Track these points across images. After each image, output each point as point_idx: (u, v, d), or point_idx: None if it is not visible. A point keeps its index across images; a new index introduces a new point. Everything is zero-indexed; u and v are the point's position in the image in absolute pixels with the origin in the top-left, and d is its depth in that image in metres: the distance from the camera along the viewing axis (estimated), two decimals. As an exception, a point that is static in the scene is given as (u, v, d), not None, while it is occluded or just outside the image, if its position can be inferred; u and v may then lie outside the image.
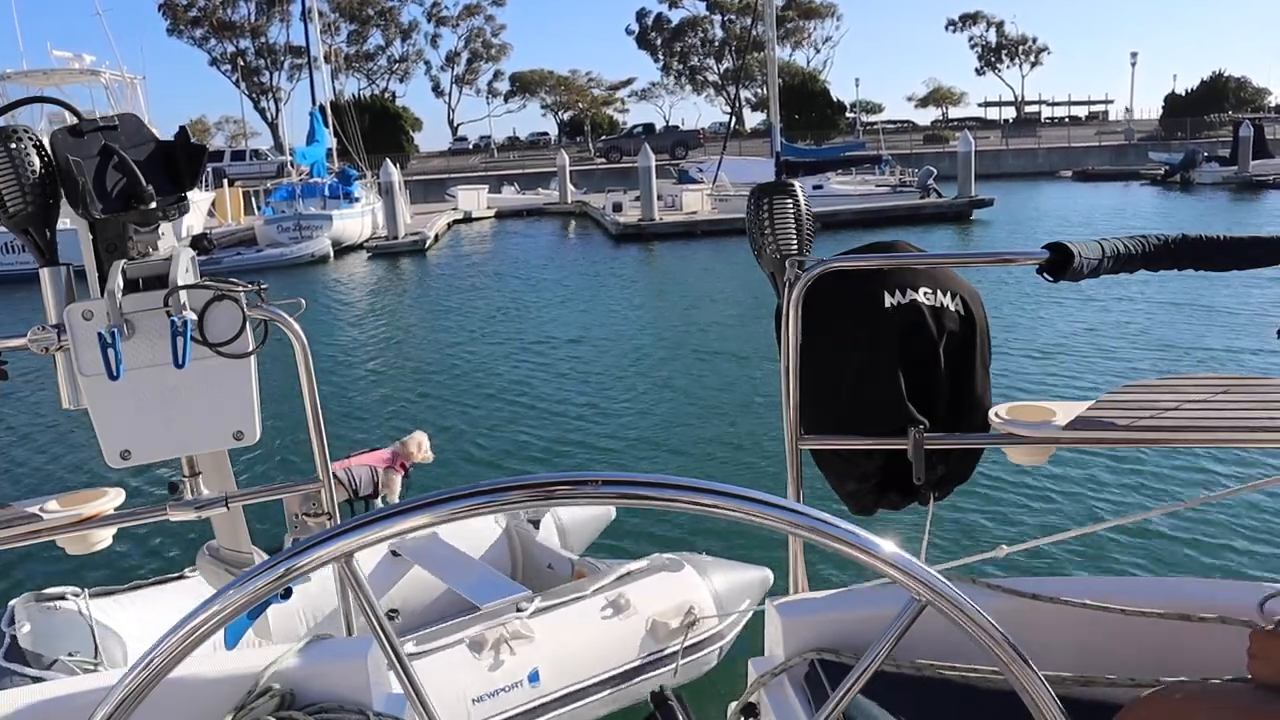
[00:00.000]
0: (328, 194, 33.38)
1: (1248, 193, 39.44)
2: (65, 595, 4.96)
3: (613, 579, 5.30)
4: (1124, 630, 2.10)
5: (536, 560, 6.24)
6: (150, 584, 5.42)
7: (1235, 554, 7.01)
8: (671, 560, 5.56)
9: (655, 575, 5.39)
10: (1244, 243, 2.38)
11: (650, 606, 5.20)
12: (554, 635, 4.93)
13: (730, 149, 41.84)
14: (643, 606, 5.18)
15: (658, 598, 5.26)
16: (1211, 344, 13.78)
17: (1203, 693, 1.72)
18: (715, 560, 5.76)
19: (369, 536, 1.11)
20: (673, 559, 5.58)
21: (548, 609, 5.04)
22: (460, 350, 16.00)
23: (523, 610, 4.96)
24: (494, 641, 4.73)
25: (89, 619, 4.76)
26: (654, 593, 5.28)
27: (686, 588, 5.35)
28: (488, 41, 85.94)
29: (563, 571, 5.95)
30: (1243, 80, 76.54)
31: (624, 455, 10.14)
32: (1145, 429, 2.35)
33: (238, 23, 74.65)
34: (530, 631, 4.86)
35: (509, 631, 4.78)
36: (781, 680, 2.21)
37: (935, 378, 2.48)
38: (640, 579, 5.34)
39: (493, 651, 4.71)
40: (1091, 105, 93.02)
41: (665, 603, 5.24)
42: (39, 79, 31.56)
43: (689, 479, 1.14)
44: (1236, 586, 2.24)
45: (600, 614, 5.11)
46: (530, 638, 4.84)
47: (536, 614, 4.97)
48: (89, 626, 4.73)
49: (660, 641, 5.16)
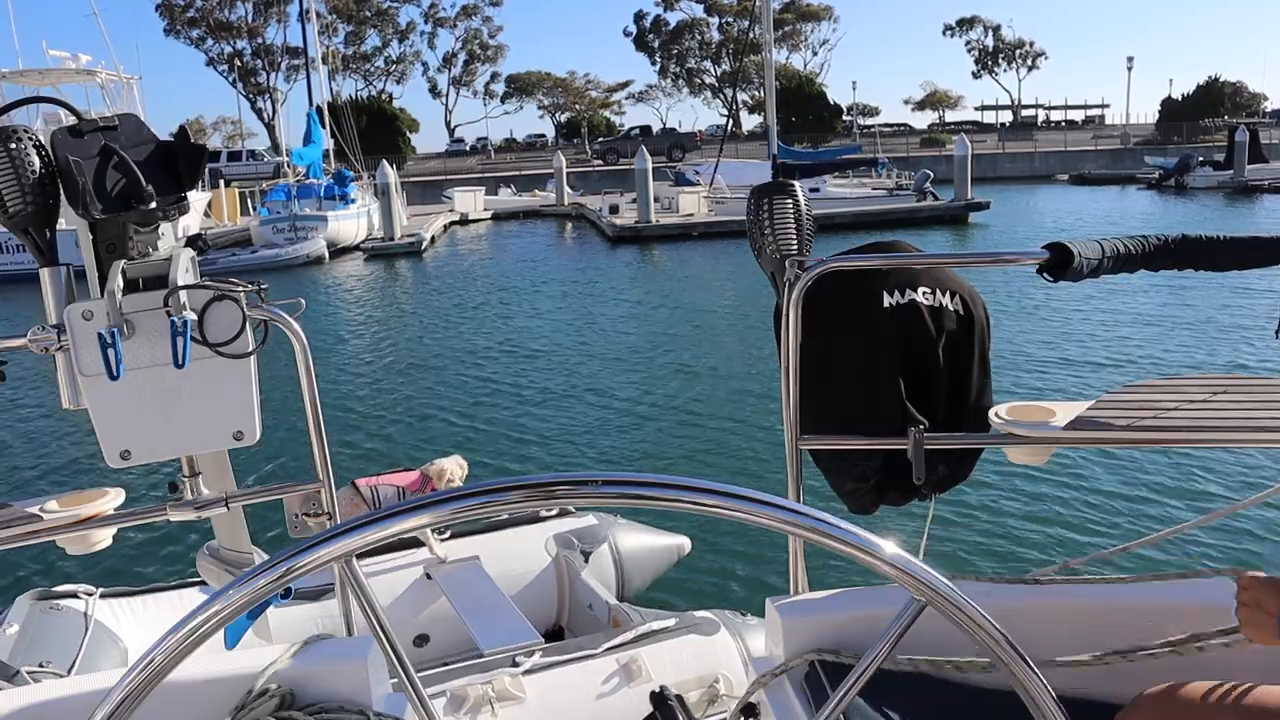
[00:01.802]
0: (323, 195, 33.34)
1: (1243, 197, 39.51)
2: (77, 594, 4.81)
3: (630, 637, 4.55)
4: (1124, 629, 2.10)
5: (580, 599, 5.54)
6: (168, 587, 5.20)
7: (1237, 553, 7.01)
8: (705, 620, 4.76)
9: (682, 637, 4.59)
10: (1244, 243, 2.38)
11: (668, 674, 4.39)
12: (547, 698, 4.24)
13: (727, 151, 41.85)
14: (659, 673, 4.39)
15: (679, 665, 4.48)
16: (1211, 344, 13.81)
17: (1201, 693, 1.72)
18: (760, 623, 4.84)
19: (369, 536, 1.11)
20: (707, 618, 4.79)
21: (547, 666, 4.33)
22: (457, 352, 15.99)
23: (519, 665, 4.31)
24: (476, 699, 4.10)
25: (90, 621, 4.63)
26: (675, 658, 4.50)
27: (715, 654, 4.56)
28: (485, 43, 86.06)
29: (601, 615, 5.26)
30: (1238, 85, 76.77)
31: (624, 455, 10.14)
32: (1145, 429, 2.35)
33: (235, 23, 74.65)
34: (521, 691, 4.20)
35: (496, 689, 4.16)
36: (781, 680, 2.21)
37: (935, 377, 2.48)
38: (664, 639, 4.55)
39: (472, 711, 4.09)
40: (1088, 109, 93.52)
41: (686, 671, 4.45)
42: (35, 79, 31.50)
43: (689, 479, 1.14)
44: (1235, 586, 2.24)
45: (605, 678, 4.35)
46: (520, 698, 4.18)
47: (533, 671, 4.28)
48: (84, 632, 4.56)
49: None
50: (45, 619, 4.63)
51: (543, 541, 5.72)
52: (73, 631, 4.59)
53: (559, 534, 5.73)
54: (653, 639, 4.55)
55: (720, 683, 4.43)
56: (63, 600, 4.78)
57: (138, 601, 5.03)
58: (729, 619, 4.85)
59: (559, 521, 5.84)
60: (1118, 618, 2.09)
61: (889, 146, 58.28)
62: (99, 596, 4.88)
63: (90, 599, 4.82)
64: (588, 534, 5.77)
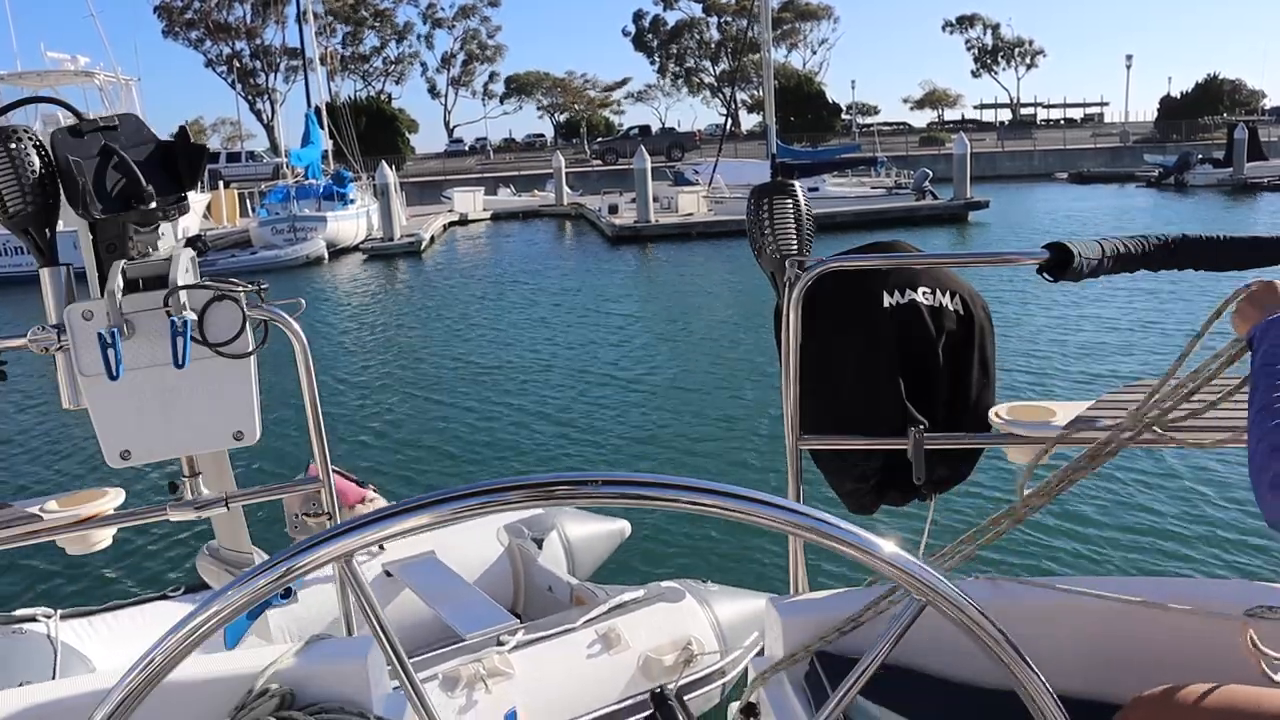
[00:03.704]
0: (322, 196, 33.31)
1: (1242, 195, 39.50)
2: (35, 617, 4.67)
3: (604, 610, 4.88)
4: (1124, 629, 2.10)
5: (537, 583, 5.85)
6: (130, 604, 5.13)
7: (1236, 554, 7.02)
8: (670, 589, 5.14)
9: (651, 606, 4.95)
10: (1244, 243, 2.38)
11: (644, 641, 4.77)
12: (536, 672, 4.53)
13: (726, 151, 41.85)
14: (636, 641, 4.75)
15: (653, 631, 4.83)
16: (1211, 344, 13.77)
17: (1200, 693, 1.72)
18: (721, 589, 5.35)
19: (369, 536, 1.11)
20: (672, 587, 5.17)
21: (530, 642, 4.63)
22: (457, 351, 15.99)
23: (504, 644, 4.57)
24: (469, 678, 4.34)
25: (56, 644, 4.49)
26: (649, 625, 4.85)
27: (685, 620, 4.94)
28: (483, 43, 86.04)
29: (562, 596, 5.57)
30: (1237, 83, 76.70)
31: (624, 455, 10.13)
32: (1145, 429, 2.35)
33: (233, 24, 74.66)
34: (510, 667, 4.46)
35: (486, 668, 4.40)
36: (781, 680, 2.21)
37: (935, 377, 2.48)
38: (635, 610, 4.91)
39: (467, 689, 4.33)
40: (1087, 108, 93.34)
41: (661, 637, 4.82)
42: (33, 80, 31.48)
43: (689, 479, 1.14)
44: (1234, 586, 2.24)
45: (588, 649, 4.68)
46: (509, 674, 4.44)
47: (518, 648, 4.57)
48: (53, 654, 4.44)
49: (653, 680, 4.70)
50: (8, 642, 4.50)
51: (494, 532, 5.96)
52: (40, 654, 4.46)
53: (509, 524, 6.00)
54: (625, 610, 4.89)
55: (693, 644, 4.80)
56: (24, 624, 4.64)
57: (99, 620, 4.93)
58: (692, 586, 5.23)
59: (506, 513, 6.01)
60: (1118, 618, 2.09)
61: (888, 145, 58.22)
62: (59, 618, 4.73)
63: (50, 621, 4.67)
64: (536, 523, 6.07)
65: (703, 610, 5.02)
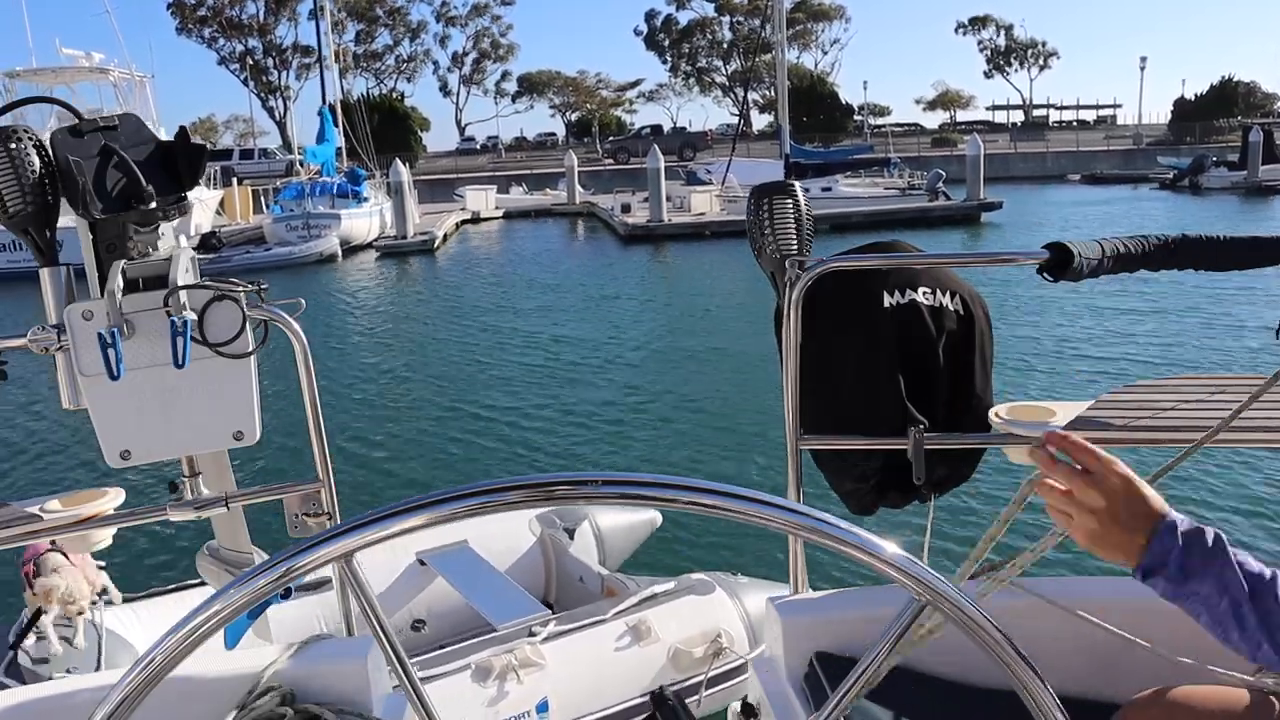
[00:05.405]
0: (336, 193, 33.38)
1: (1257, 198, 39.26)
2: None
3: (635, 601, 4.92)
4: (1123, 629, 2.09)
5: (568, 573, 5.87)
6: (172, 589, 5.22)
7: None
8: (701, 581, 5.15)
9: (682, 598, 4.98)
10: (1244, 243, 2.37)
11: (674, 633, 4.80)
12: (567, 662, 4.58)
13: (738, 151, 41.77)
14: (666, 633, 4.77)
15: (683, 623, 4.86)
16: (1211, 344, 13.74)
17: (1199, 694, 1.71)
18: (751, 581, 5.36)
19: (369, 536, 1.11)
20: (702, 580, 5.18)
21: (562, 633, 4.68)
22: (467, 349, 16.01)
23: (535, 635, 4.64)
24: (501, 668, 4.40)
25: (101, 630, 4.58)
26: (679, 617, 4.88)
27: (715, 613, 4.95)
28: (496, 41, 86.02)
29: (593, 587, 5.60)
30: (1252, 85, 76.20)
31: (625, 455, 10.14)
32: (1145, 429, 2.35)
33: (246, 22, 74.86)
34: (542, 658, 4.52)
35: (518, 658, 4.45)
36: (781, 680, 2.21)
37: (935, 377, 2.48)
38: (665, 602, 4.94)
39: (499, 679, 4.39)
40: (1100, 109, 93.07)
41: (691, 629, 4.84)
42: (48, 77, 31.65)
43: (689, 479, 1.13)
44: None
45: (618, 640, 4.71)
46: (541, 665, 4.50)
47: (550, 639, 4.63)
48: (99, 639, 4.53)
49: (683, 671, 4.74)
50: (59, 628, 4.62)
51: (526, 522, 6.02)
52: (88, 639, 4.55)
53: (541, 514, 6.04)
54: (655, 602, 4.93)
55: (723, 637, 4.81)
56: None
57: (142, 607, 5.02)
58: (722, 579, 5.23)
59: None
60: (1118, 618, 2.08)
61: (900, 146, 58.09)
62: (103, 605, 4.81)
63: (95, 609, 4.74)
64: (568, 514, 6.11)
65: (733, 603, 5.02)
